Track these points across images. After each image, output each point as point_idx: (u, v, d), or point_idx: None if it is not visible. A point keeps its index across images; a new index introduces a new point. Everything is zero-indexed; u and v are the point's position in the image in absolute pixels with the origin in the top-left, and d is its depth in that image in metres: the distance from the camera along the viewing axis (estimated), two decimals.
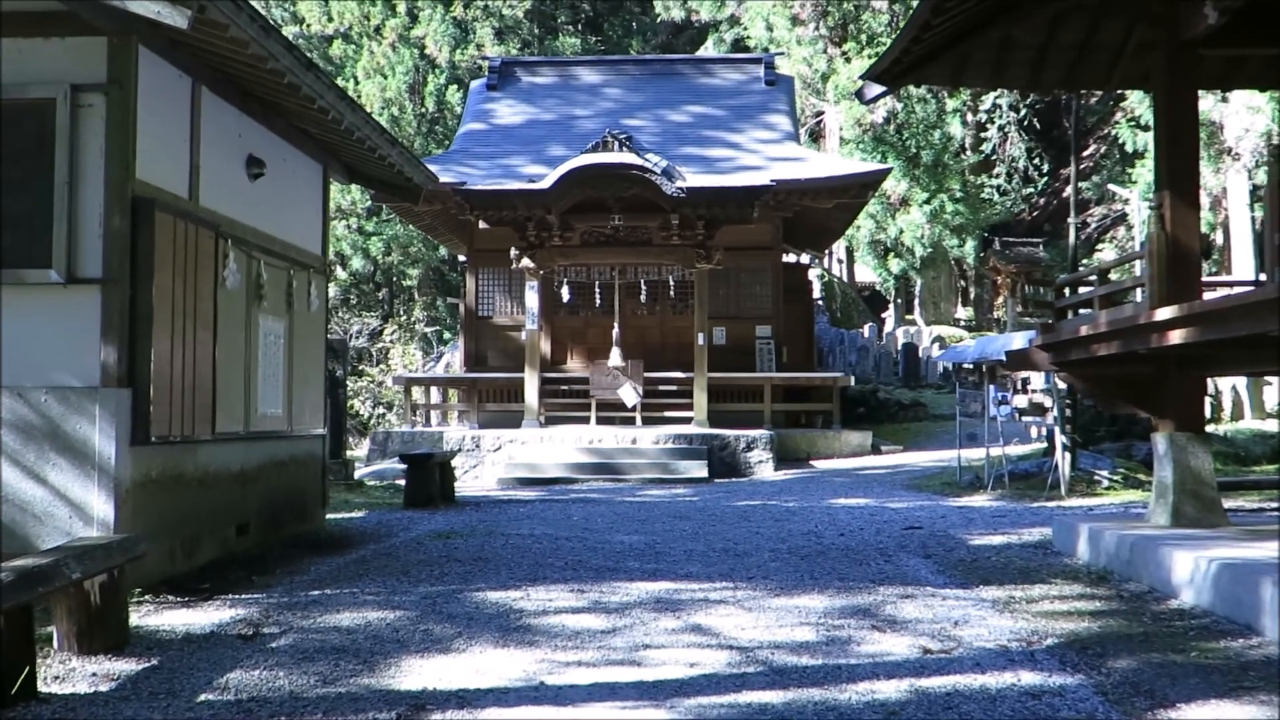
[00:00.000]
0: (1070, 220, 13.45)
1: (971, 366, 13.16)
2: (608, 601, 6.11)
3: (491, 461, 16.42)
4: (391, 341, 34.35)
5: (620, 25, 40.29)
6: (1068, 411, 11.77)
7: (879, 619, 5.53)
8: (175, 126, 7.11)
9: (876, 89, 8.99)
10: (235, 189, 7.97)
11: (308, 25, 35.43)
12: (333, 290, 35.33)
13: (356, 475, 15.05)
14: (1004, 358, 10.39)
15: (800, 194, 18.22)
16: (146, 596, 6.31)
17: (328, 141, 9.34)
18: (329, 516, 10.40)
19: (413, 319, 35.18)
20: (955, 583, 6.63)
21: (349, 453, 24.68)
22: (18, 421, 6.27)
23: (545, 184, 16.60)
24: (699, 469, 15.76)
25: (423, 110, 33.86)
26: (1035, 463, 13.44)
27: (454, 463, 16.26)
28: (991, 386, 12.40)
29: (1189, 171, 7.50)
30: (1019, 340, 10.55)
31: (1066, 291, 8.46)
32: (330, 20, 35.06)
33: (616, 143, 16.61)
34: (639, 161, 16.33)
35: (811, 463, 17.56)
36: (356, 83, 33.06)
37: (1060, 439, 11.52)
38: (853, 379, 19.66)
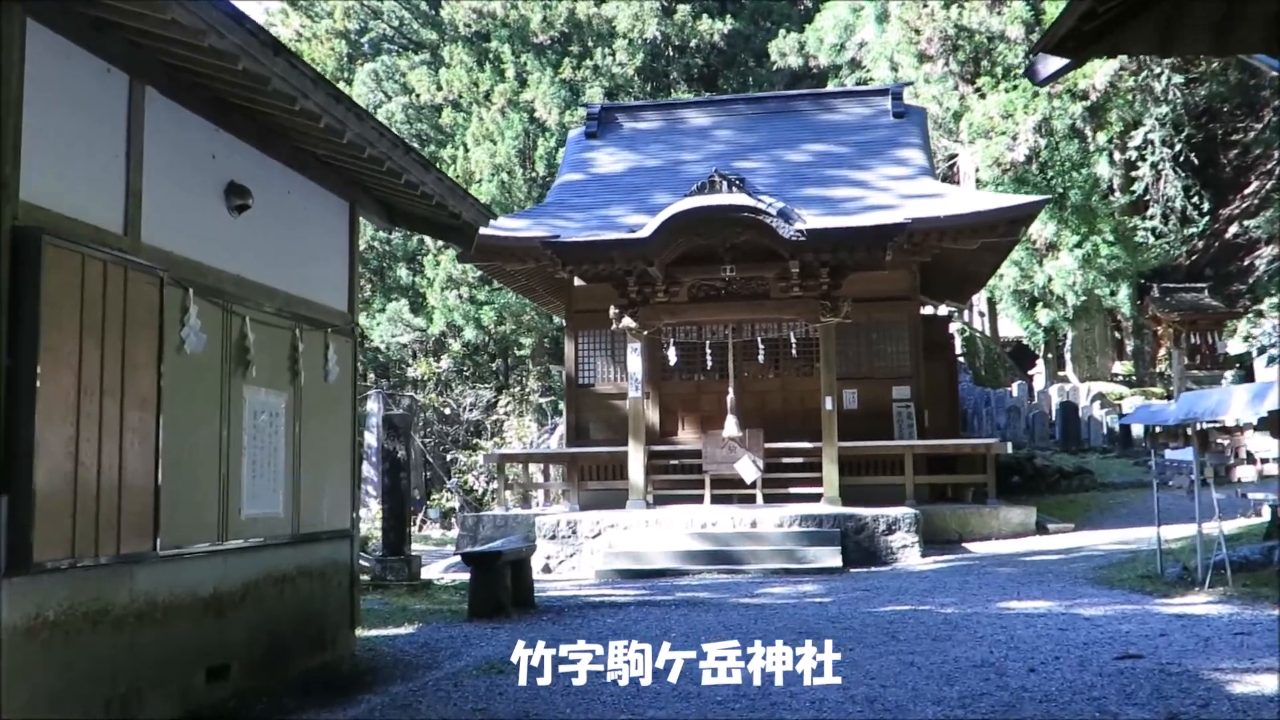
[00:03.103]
0: None
1: (1173, 429, 10.50)
2: None
3: (590, 550, 14.28)
4: (506, 413, 32.93)
5: (736, 78, 38.65)
6: None
7: None
8: (99, 137, 5.28)
9: (1054, 63, 6.62)
10: (205, 224, 6.13)
11: (417, 95, 34.86)
12: (445, 363, 34.14)
13: (429, 572, 13.11)
14: (1242, 418, 7.85)
15: (940, 234, 15.82)
16: None
17: (349, 170, 7.50)
18: (368, 635, 8.42)
19: (527, 390, 33.72)
20: None
21: (448, 533, 22.89)
22: None
23: (645, 232, 14.63)
24: (831, 556, 13.33)
25: (533, 175, 32.71)
26: (1260, 548, 10.63)
27: (548, 551, 14.34)
28: (1205, 455, 9.75)
29: None
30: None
31: None
32: (439, 89, 34.42)
33: (725, 183, 14.56)
34: (750, 202, 14.23)
35: (964, 545, 14.92)
36: (466, 150, 32.26)
37: None
38: (1009, 445, 16.95)
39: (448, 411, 34.49)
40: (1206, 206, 38.54)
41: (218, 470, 6.13)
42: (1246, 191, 43.02)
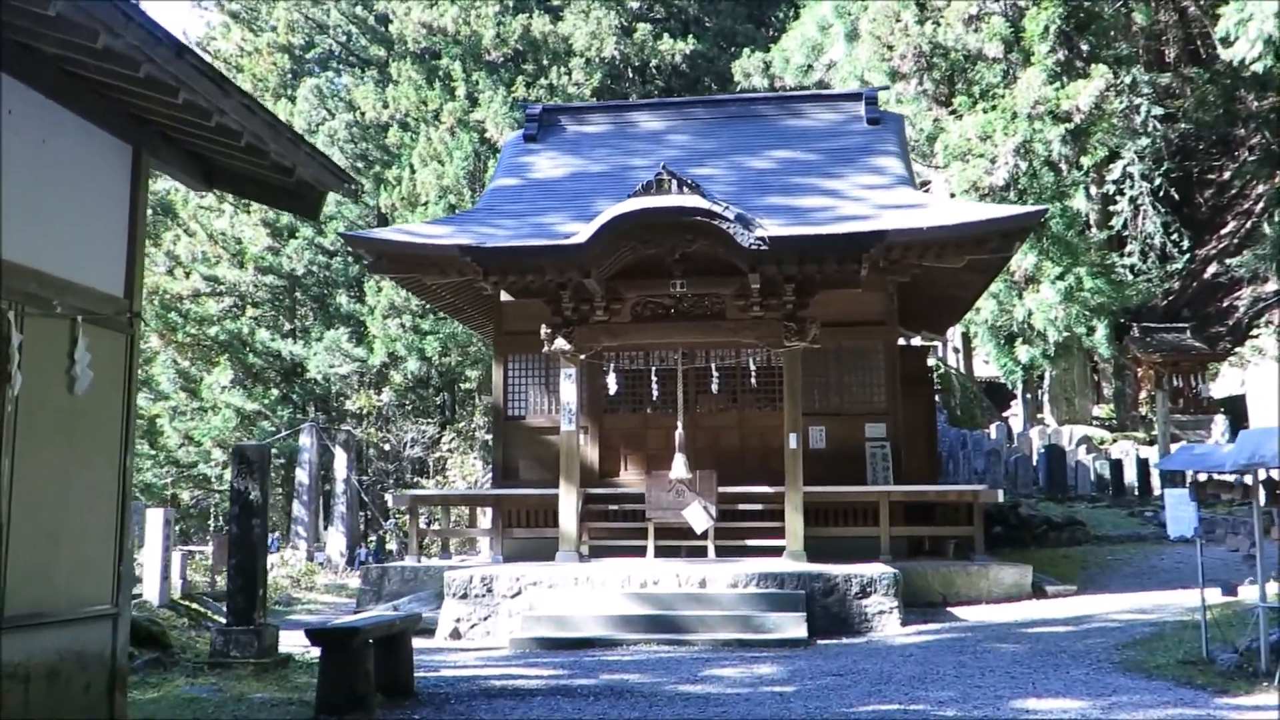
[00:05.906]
0: None
1: (1206, 477, 8.39)
2: None
3: (508, 611, 11.96)
4: (450, 450, 30.63)
5: None
6: None
7: None
8: None
9: None
10: None
11: (362, 113, 32.81)
12: (387, 395, 31.67)
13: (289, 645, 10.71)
14: None
15: (922, 248, 13.74)
16: None
17: (125, 96, 5.29)
18: None
19: (473, 425, 31.42)
20: None
21: (351, 578, 20.32)
22: None
23: (581, 238, 12.49)
24: (794, 625, 11.10)
25: None
26: None
27: (458, 613, 12.07)
28: (1274, 509, 7.65)
29: None
30: None
31: None
32: (386, 107, 32.45)
33: (675, 182, 12.44)
34: (704, 204, 12.12)
35: (950, 610, 12.72)
36: (413, 171, 30.24)
37: None
38: (1000, 493, 14.83)
39: (388, 448, 32.19)
40: (1186, 244, 37.08)
41: None
42: (1223, 231, 41.66)
